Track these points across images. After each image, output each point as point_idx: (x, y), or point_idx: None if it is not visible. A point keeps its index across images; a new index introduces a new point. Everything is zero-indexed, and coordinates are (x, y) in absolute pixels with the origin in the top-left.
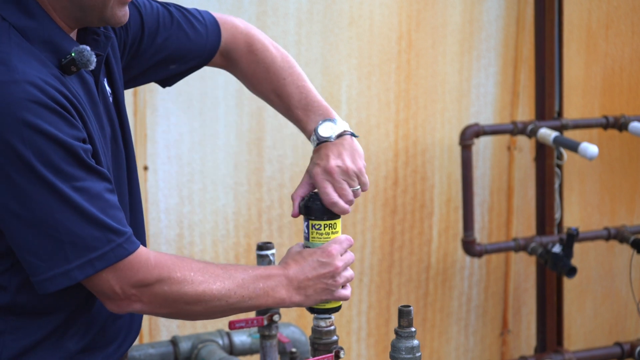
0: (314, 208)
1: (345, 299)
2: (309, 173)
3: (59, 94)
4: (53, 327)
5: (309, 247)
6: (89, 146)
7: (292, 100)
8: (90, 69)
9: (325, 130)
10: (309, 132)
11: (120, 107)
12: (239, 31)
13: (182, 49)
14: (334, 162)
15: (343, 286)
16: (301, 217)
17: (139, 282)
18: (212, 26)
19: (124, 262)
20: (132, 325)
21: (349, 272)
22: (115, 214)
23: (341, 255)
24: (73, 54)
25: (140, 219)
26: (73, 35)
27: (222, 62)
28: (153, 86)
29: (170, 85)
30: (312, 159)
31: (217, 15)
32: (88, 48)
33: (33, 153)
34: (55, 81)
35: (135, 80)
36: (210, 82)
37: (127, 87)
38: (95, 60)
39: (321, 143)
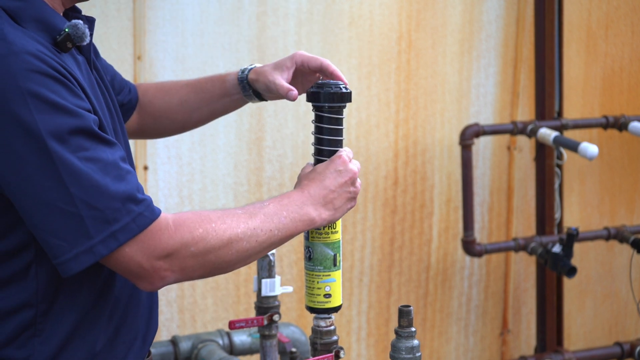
0: (328, 93)
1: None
2: (293, 58)
3: (58, 65)
4: (77, 321)
5: (309, 247)
6: (95, 117)
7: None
8: (85, 42)
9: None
10: (233, 74)
11: (112, 95)
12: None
13: (120, 83)
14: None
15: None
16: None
17: (164, 251)
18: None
19: (145, 232)
20: (152, 313)
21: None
22: (133, 181)
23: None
24: (67, 29)
25: None
26: None
27: (137, 112)
28: None
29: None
30: (281, 63)
31: None
32: (81, 22)
33: (41, 123)
34: (52, 54)
35: None
36: None
37: None
38: (89, 34)
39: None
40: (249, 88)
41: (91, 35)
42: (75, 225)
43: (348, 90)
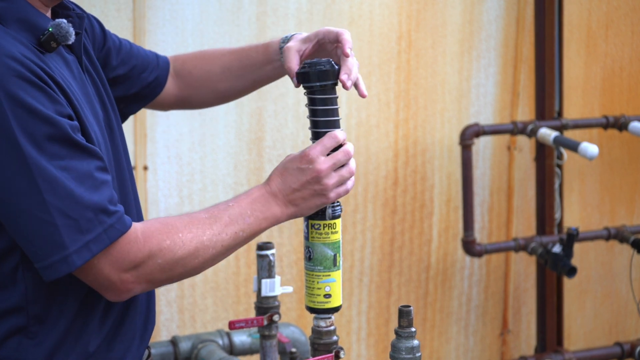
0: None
1: (344, 194)
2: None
3: (39, 69)
4: (69, 323)
5: (309, 247)
6: (75, 123)
7: (246, 46)
8: (70, 42)
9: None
10: (276, 41)
11: (108, 92)
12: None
13: (143, 61)
14: None
15: (342, 184)
16: (301, 218)
17: (132, 263)
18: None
19: (115, 245)
20: (149, 310)
21: (345, 169)
22: (105, 192)
23: (325, 155)
24: (50, 29)
25: (138, 207)
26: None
27: (175, 84)
28: None
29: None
30: (304, 38)
31: None
32: (65, 21)
33: (18, 129)
34: (35, 57)
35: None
36: None
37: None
38: (73, 33)
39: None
40: None
41: (80, 33)
42: (50, 233)
43: (334, 68)
